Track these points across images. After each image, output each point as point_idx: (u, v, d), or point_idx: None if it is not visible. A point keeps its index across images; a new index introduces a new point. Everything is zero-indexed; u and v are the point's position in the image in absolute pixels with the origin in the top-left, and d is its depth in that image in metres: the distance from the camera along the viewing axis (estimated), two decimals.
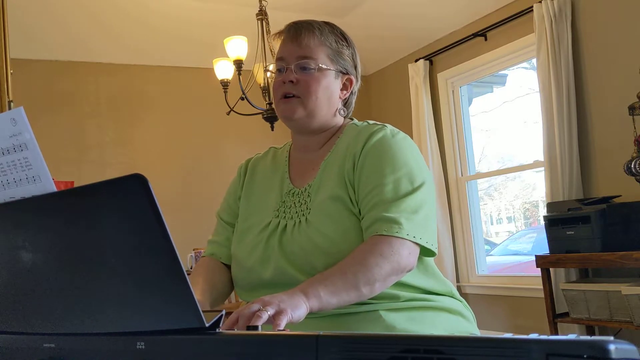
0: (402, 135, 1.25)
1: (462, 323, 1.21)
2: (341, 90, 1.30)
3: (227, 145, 4.98)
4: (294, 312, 0.94)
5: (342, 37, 1.31)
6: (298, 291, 0.99)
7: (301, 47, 1.25)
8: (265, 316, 0.89)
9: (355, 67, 1.34)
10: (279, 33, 1.32)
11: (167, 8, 4.10)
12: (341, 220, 1.16)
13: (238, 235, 1.31)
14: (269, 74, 3.26)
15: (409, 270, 1.13)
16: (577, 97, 3.55)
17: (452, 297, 1.25)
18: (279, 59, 1.28)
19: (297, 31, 1.27)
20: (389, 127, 1.26)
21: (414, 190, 1.16)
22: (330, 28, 1.30)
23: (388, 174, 1.16)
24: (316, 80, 1.24)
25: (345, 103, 1.34)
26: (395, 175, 1.16)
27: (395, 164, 1.17)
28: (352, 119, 1.37)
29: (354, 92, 1.35)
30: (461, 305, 1.25)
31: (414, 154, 1.22)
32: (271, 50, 3.41)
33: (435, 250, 1.16)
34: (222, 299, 1.28)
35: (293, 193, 1.27)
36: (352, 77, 1.32)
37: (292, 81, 1.25)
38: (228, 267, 1.34)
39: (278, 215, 1.25)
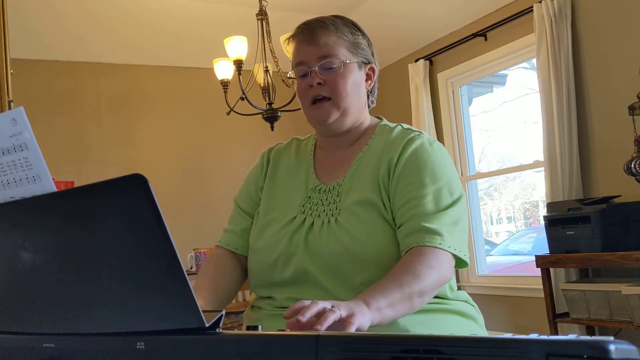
0: (438, 144, 1.24)
1: (474, 327, 1.21)
2: (365, 80, 1.29)
3: (227, 145, 4.98)
4: (362, 318, 0.90)
5: (355, 27, 1.29)
6: (360, 302, 0.95)
7: (320, 46, 1.22)
8: (338, 313, 0.85)
9: (373, 54, 1.32)
10: (291, 37, 1.28)
11: (167, 8, 4.10)
12: (373, 225, 1.14)
13: (258, 228, 1.27)
14: (289, 78, 3.25)
15: (447, 282, 1.13)
16: (577, 97, 3.55)
17: (465, 301, 1.24)
18: (299, 64, 1.25)
19: (312, 31, 1.23)
20: (425, 134, 1.25)
21: (454, 202, 1.15)
22: (342, 21, 1.28)
23: (428, 184, 1.15)
24: (343, 77, 1.22)
25: (370, 92, 1.33)
26: (436, 185, 1.15)
27: (435, 174, 1.16)
28: (381, 119, 1.35)
29: (375, 80, 1.34)
30: (474, 309, 1.25)
31: (451, 164, 1.22)
32: (271, 51, 3.41)
33: (468, 262, 1.16)
34: (226, 304, 1.25)
35: (320, 190, 1.25)
36: (374, 66, 1.31)
37: (319, 83, 1.22)
38: (242, 258, 1.31)
39: (304, 212, 1.22)
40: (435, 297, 1.17)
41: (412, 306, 1.03)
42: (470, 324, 1.21)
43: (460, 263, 1.15)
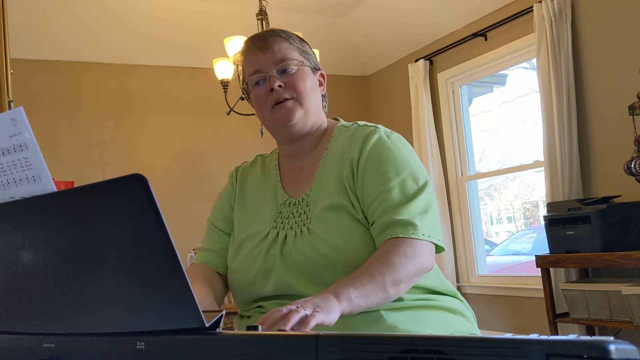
0: (396, 135, 1.25)
1: (462, 323, 1.21)
2: (319, 85, 1.32)
3: (227, 145, 4.98)
4: (328, 315, 0.92)
5: (299, 38, 1.33)
6: (330, 294, 0.98)
7: (274, 52, 1.25)
8: (302, 313, 0.88)
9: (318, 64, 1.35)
10: (242, 51, 1.31)
11: (167, 8, 4.10)
12: (345, 228, 1.15)
13: (234, 248, 1.29)
14: (242, 88, 3.24)
15: (429, 270, 1.14)
16: (577, 97, 3.55)
17: (454, 296, 1.24)
18: (255, 72, 1.26)
19: (263, 40, 1.27)
20: (382, 128, 1.26)
21: (420, 190, 1.16)
22: (289, 32, 1.32)
23: (392, 177, 1.16)
24: (301, 78, 1.25)
25: (323, 97, 1.35)
26: (400, 177, 1.16)
27: (397, 166, 1.17)
28: (338, 120, 1.36)
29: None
30: (462, 305, 1.25)
31: (412, 153, 1.23)
32: None
33: (444, 246, 1.17)
34: (219, 303, 1.27)
35: (289, 203, 1.26)
36: (323, 73, 1.34)
37: (280, 86, 1.24)
38: (222, 276, 1.31)
39: (276, 227, 1.23)
40: (423, 292, 1.18)
41: (387, 295, 1.05)
42: (459, 319, 1.21)
43: (436, 249, 1.16)
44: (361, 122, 1.30)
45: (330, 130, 1.32)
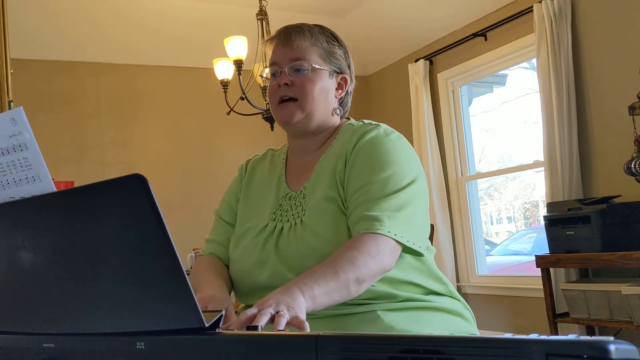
0: (396, 134, 1.24)
1: (461, 323, 1.21)
2: (336, 89, 1.31)
3: (227, 145, 4.98)
4: (302, 314, 0.92)
5: (332, 37, 1.33)
6: (297, 290, 0.97)
7: (293, 49, 1.26)
8: (286, 317, 0.88)
9: (349, 67, 1.34)
10: (271, 39, 1.33)
11: (167, 8, 4.10)
12: (334, 221, 1.16)
13: (235, 239, 1.31)
14: (263, 78, 3.25)
15: (389, 270, 1.11)
16: (577, 97, 3.55)
17: (450, 296, 1.24)
18: (273, 64, 1.29)
19: (288, 35, 1.28)
20: (383, 126, 1.26)
21: (401, 189, 1.15)
22: (321, 29, 1.32)
23: (376, 172, 1.16)
24: (311, 81, 1.25)
25: (341, 103, 1.34)
26: (384, 174, 1.15)
27: (384, 163, 1.17)
28: (348, 119, 1.37)
29: (349, 92, 1.35)
30: (460, 305, 1.25)
31: (406, 152, 1.21)
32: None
33: (421, 251, 1.14)
34: (229, 289, 1.29)
35: (289, 197, 1.27)
36: (347, 76, 1.33)
37: (287, 84, 1.25)
38: (228, 266, 1.34)
39: (275, 219, 1.25)
40: (421, 293, 1.17)
41: (349, 293, 1.04)
42: (458, 320, 1.21)
43: (412, 252, 1.14)
44: (367, 121, 1.31)
45: (338, 129, 1.33)
